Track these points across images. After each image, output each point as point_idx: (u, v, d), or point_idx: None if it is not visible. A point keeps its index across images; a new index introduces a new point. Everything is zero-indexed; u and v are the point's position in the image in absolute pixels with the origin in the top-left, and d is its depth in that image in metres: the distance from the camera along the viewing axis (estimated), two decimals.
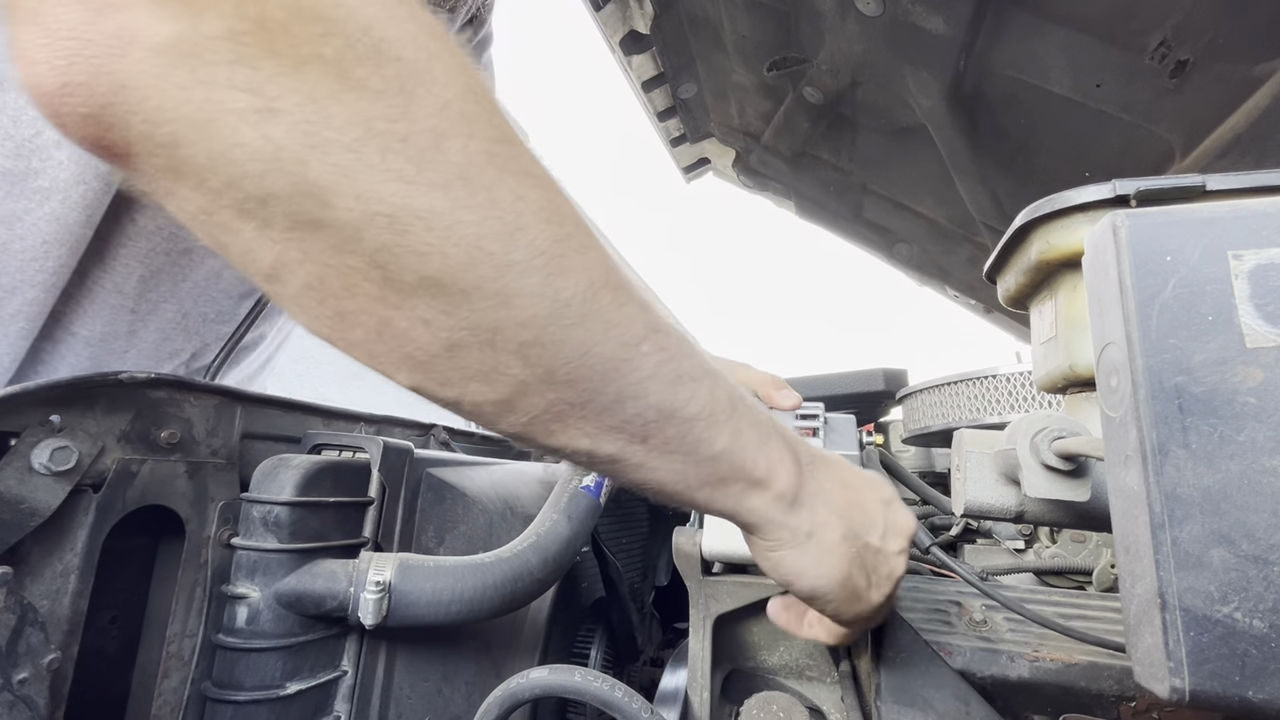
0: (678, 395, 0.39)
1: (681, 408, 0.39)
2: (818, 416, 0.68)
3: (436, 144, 0.30)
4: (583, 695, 0.48)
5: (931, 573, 0.75)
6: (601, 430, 0.37)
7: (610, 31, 1.53)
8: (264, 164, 0.27)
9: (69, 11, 0.25)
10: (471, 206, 0.30)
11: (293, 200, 0.28)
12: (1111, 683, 0.51)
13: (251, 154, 0.27)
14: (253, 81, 0.26)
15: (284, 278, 0.30)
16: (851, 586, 0.48)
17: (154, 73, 0.26)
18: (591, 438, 0.38)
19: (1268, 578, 0.28)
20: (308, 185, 0.28)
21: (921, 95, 1.25)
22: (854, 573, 0.47)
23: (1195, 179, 0.47)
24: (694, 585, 0.63)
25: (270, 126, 0.27)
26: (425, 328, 0.31)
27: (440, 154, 0.30)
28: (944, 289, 1.87)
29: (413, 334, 0.32)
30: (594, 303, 0.34)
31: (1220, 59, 0.91)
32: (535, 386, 0.34)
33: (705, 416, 0.40)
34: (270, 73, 0.27)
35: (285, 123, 0.27)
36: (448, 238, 0.30)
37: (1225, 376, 0.30)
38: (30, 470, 0.40)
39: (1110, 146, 1.14)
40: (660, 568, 1.02)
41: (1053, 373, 0.59)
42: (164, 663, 0.49)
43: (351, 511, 0.57)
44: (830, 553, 0.46)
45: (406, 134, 0.29)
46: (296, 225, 0.29)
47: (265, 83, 0.27)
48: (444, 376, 0.34)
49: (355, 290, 0.30)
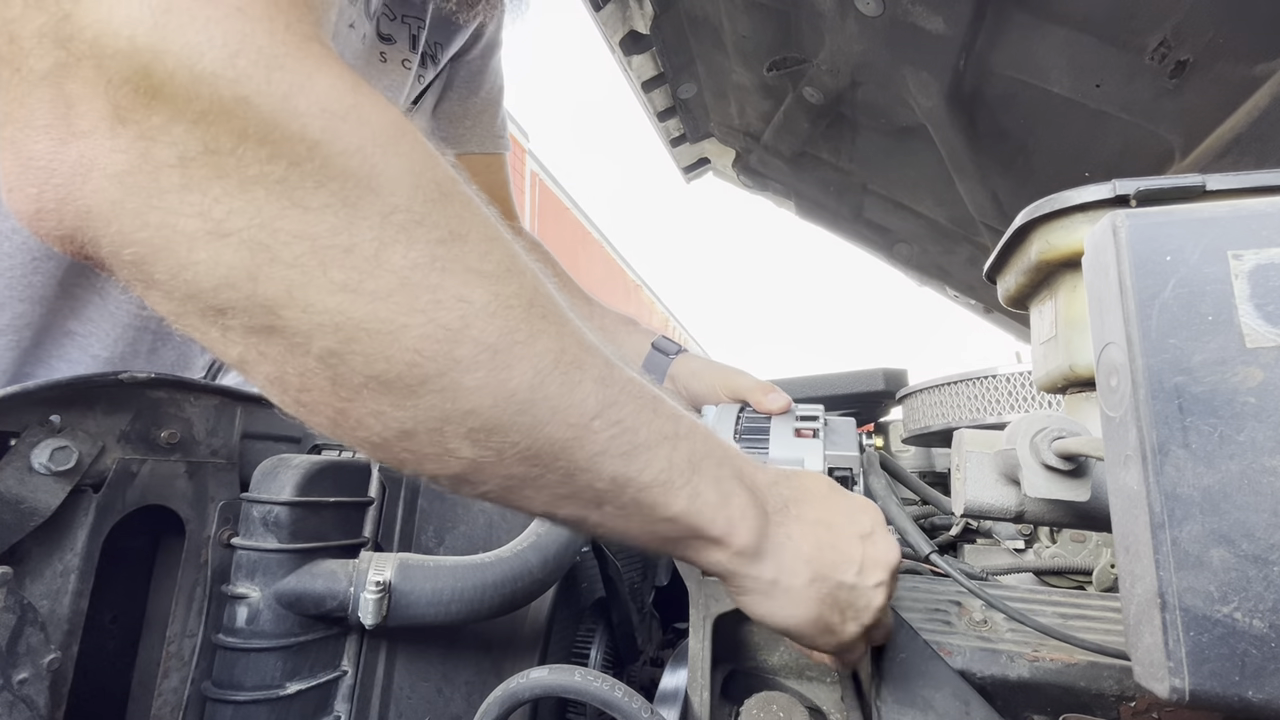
0: (630, 466, 0.39)
1: (635, 477, 0.40)
2: (817, 418, 0.68)
3: (378, 254, 0.30)
4: (583, 695, 0.48)
5: (932, 573, 0.75)
6: (555, 499, 0.39)
7: (610, 31, 1.53)
8: (217, 280, 0.29)
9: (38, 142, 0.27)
10: (414, 311, 0.31)
11: (247, 311, 0.30)
12: (1111, 683, 0.51)
13: (205, 272, 0.29)
14: (202, 205, 0.28)
15: (249, 371, 0.32)
16: (823, 624, 0.48)
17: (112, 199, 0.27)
18: (547, 505, 0.39)
19: (1268, 578, 0.28)
20: (258, 298, 0.29)
21: (921, 95, 1.25)
22: (824, 611, 0.48)
23: (1195, 179, 0.47)
24: (694, 585, 0.63)
25: (220, 247, 0.28)
26: (377, 419, 0.33)
27: (381, 264, 0.31)
28: (944, 289, 1.87)
29: (366, 423, 0.33)
30: (541, 390, 0.35)
31: (1220, 59, 0.91)
32: (488, 466, 0.36)
33: (661, 483, 0.41)
34: (218, 195, 0.28)
35: (234, 242, 0.28)
36: (392, 343, 0.31)
37: (1225, 376, 0.30)
38: (30, 470, 0.40)
39: (1110, 146, 1.14)
40: (660, 568, 1.02)
41: (1053, 373, 0.59)
42: (164, 663, 0.49)
43: (351, 511, 0.57)
44: (797, 595, 0.47)
45: (349, 245, 0.30)
46: (253, 331, 0.30)
47: (213, 205, 0.28)
48: (399, 459, 0.35)
49: (310, 386, 0.32)
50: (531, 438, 0.35)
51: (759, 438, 0.67)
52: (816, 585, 0.48)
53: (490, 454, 0.35)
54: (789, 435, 0.66)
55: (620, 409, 0.39)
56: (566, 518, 0.40)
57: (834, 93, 1.43)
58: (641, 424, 0.40)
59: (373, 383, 0.32)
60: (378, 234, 0.30)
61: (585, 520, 0.41)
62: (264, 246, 0.29)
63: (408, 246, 0.31)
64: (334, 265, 0.30)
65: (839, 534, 0.50)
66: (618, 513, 0.41)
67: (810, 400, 0.74)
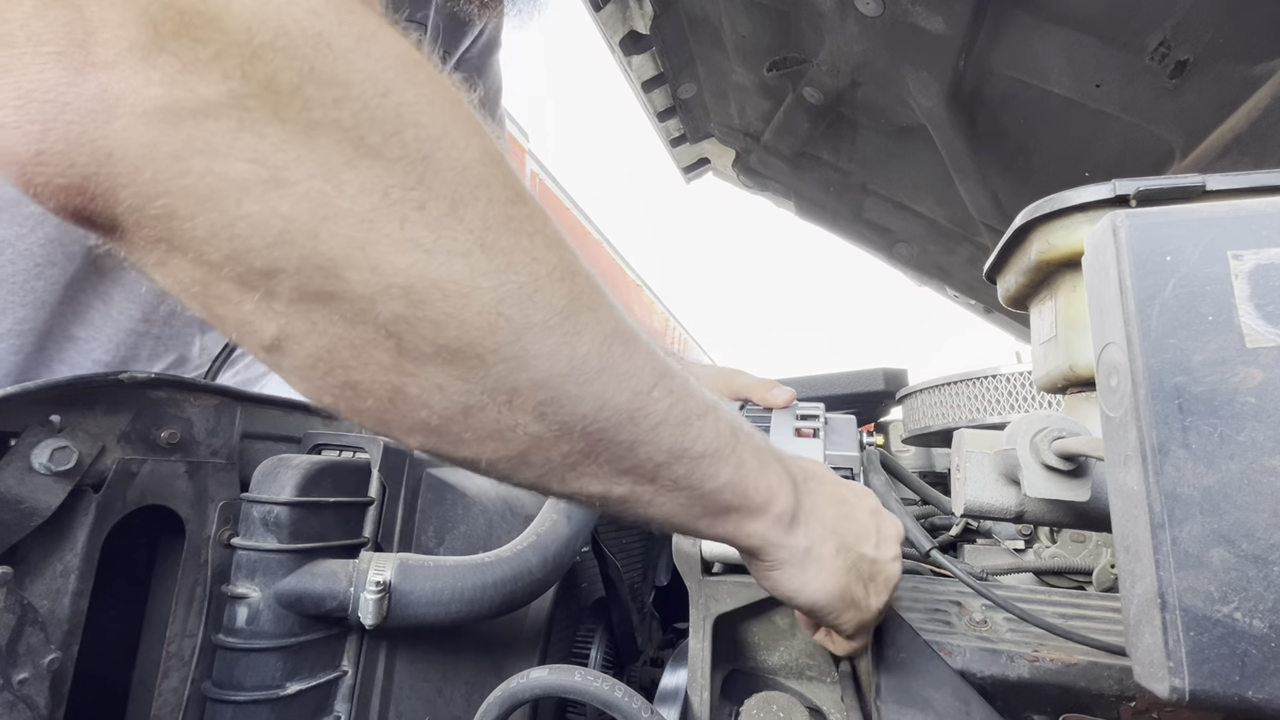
0: (686, 435, 0.39)
1: (690, 446, 0.39)
2: (818, 417, 0.68)
3: (454, 210, 0.29)
4: (583, 695, 0.48)
5: (931, 573, 0.75)
6: (613, 475, 0.38)
7: (610, 32, 1.53)
8: (270, 237, 0.26)
9: (45, 70, 0.22)
10: (489, 272, 0.29)
11: (301, 274, 0.26)
12: (1111, 683, 0.51)
13: (256, 227, 0.25)
14: (258, 150, 0.25)
15: (288, 349, 0.29)
16: (850, 596, 0.49)
17: (145, 141, 0.23)
18: (603, 482, 0.38)
19: (1268, 578, 0.28)
20: (318, 258, 0.26)
21: (921, 95, 1.25)
22: (850, 583, 0.49)
23: (1195, 179, 0.47)
24: (694, 585, 0.63)
25: (277, 198, 0.25)
26: (440, 394, 0.31)
27: (458, 220, 0.29)
28: (944, 289, 1.87)
29: (427, 400, 0.31)
30: (608, 356, 0.34)
31: (1220, 59, 0.91)
32: (551, 441, 0.34)
33: (711, 453, 0.41)
34: (277, 140, 0.25)
35: (294, 194, 0.25)
36: (466, 305, 0.29)
37: (1225, 376, 0.30)
38: (30, 470, 0.40)
39: (1110, 146, 1.14)
40: (660, 568, 1.02)
41: (1053, 373, 0.59)
42: (164, 663, 0.49)
43: (351, 511, 0.57)
44: (826, 566, 0.48)
45: (423, 201, 0.28)
46: (304, 298, 0.27)
47: (271, 151, 0.25)
48: (458, 439, 0.33)
49: (366, 360, 0.29)
50: (599, 408, 0.34)
51: None
52: (842, 556, 0.48)
53: (555, 429, 0.34)
54: (789, 433, 0.66)
55: (672, 379, 0.38)
56: (619, 497, 0.39)
57: (834, 93, 1.43)
58: (690, 394, 0.40)
59: (443, 352, 0.30)
60: (453, 190, 0.29)
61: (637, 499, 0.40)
62: (327, 199, 0.26)
63: (486, 204, 0.30)
64: (409, 221, 0.27)
65: (854, 507, 0.51)
66: (670, 486, 0.40)
67: (810, 399, 0.74)
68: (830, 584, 0.48)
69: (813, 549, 0.47)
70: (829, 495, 0.50)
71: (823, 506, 0.49)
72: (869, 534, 0.50)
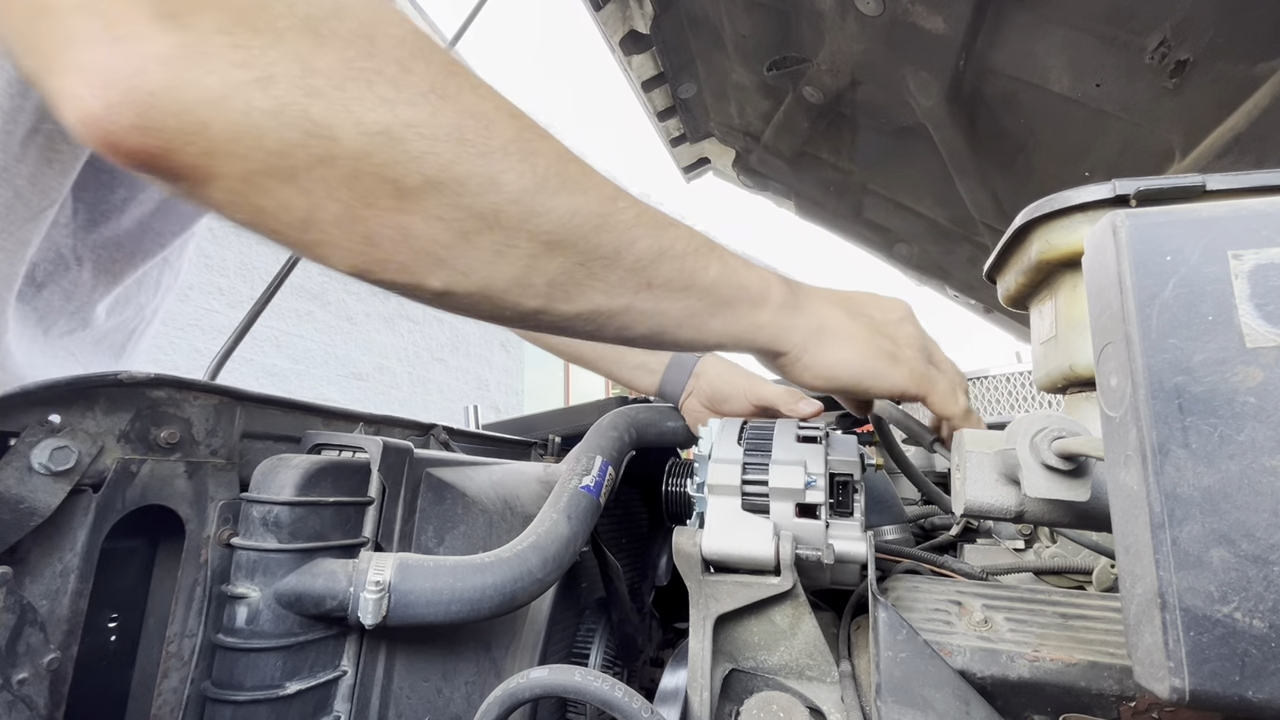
0: (664, 237, 0.45)
1: (669, 247, 0.46)
2: (820, 428, 0.68)
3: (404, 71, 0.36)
4: (583, 695, 0.48)
5: (932, 572, 0.75)
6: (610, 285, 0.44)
7: (610, 31, 1.53)
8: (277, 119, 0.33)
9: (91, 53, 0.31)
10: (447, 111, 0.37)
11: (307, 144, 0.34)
12: (1111, 683, 0.51)
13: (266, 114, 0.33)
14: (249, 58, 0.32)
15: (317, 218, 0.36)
16: (883, 351, 0.54)
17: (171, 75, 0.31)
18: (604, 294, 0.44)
19: (1268, 578, 0.28)
20: (315, 126, 0.34)
21: (921, 95, 1.25)
22: (877, 340, 0.55)
23: (1195, 179, 0.47)
24: (694, 585, 0.63)
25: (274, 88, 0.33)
26: (440, 223, 0.38)
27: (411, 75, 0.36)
28: (944, 289, 1.87)
29: (431, 232, 0.38)
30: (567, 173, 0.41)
31: (1220, 59, 0.91)
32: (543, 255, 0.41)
33: (692, 252, 0.47)
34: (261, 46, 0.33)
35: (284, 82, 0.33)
36: (435, 137, 0.36)
37: (1225, 376, 0.30)
38: (30, 470, 0.40)
39: (1110, 146, 1.14)
40: (660, 568, 1.02)
41: (1053, 373, 0.59)
42: (164, 663, 0.49)
43: (351, 511, 0.57)
44: (847, 333, 0.54)
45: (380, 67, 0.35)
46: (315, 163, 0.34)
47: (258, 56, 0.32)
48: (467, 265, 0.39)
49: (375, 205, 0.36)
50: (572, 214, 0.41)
51: (763, 442, 0.67)
52: (857, 321, 0.54)
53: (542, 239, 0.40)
54: (791, 441, 0.67)
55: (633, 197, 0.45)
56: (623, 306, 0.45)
57: (834, 92, 1.43)
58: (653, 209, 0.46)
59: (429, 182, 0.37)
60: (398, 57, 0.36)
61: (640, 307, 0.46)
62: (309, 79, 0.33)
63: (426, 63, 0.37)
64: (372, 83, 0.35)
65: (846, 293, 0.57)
66: (664, 288, 0.46)
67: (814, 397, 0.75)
68: (857, 347, 0.53)
69: (826, 324, 0.53)
70: (819, 289, 0.56)
71: (818, 293, 0.55)
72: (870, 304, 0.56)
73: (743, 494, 0.64)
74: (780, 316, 0.51)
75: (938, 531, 1.04)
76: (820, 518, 0.62)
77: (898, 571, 0.74)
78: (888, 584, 0.66)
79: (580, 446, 0.74)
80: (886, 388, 0.54)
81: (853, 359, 0.52)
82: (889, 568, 0.75)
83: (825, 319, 0.53)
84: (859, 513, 0.64)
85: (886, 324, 0.56)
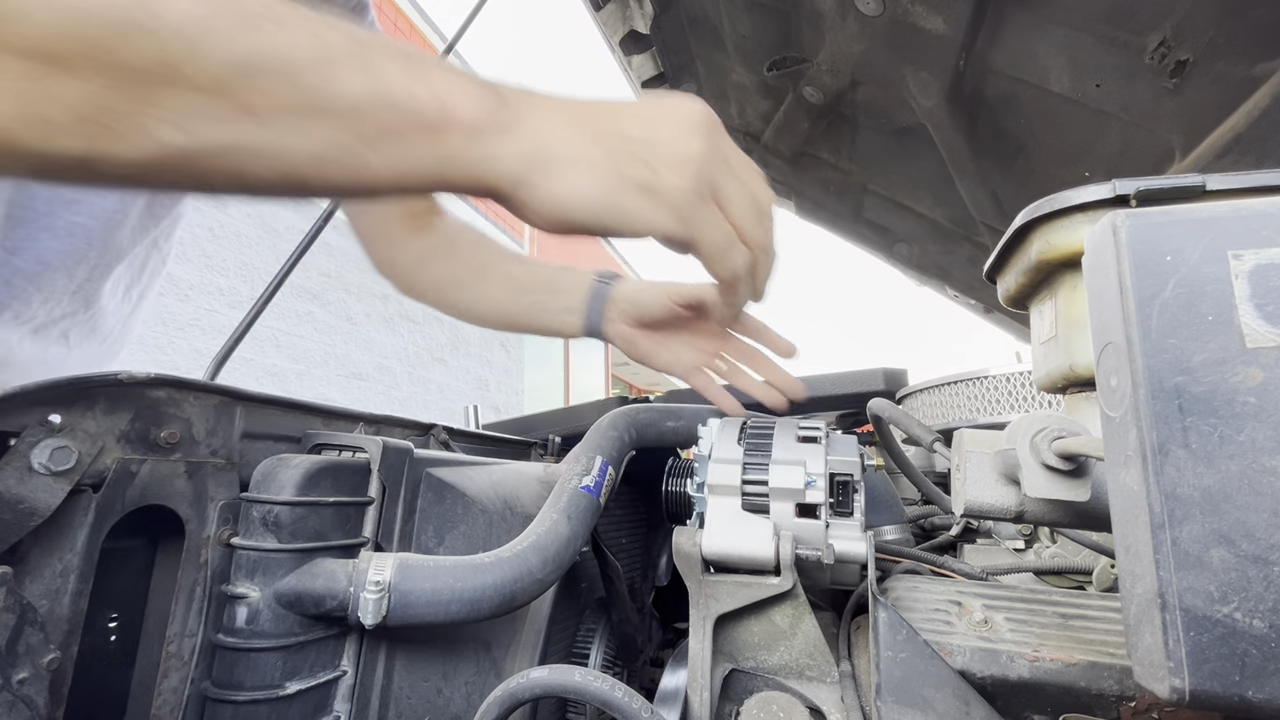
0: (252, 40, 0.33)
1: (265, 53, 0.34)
2: (820, 429, 0.68)
3: None
4: (583, 695, 0.48)
5: (932, 572, 0.75)
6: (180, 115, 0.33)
7: (610, 31, 1.53)
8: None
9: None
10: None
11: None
12: (1111, 683, 0.51)
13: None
14: None
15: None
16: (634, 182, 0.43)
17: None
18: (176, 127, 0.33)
19: (1268, 578, 0.28)
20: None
21: (921, 95, 1.25)
22: (626, 165, 0.43)
23: (1195, 179, 0.47)
24: (694, 585, 0.63)
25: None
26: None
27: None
28: (944, 289, 1.87)
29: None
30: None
31: (1220, 59, 0.91)
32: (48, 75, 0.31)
33: (312, 61, 0.35)
34: None
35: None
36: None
37: (1225, 376, 0.30)
38: (30, 470, 0.40)
39: (1110, 146, 1.14)
40: (660, 568, 1.02)
41: (1053, 373, 0.59)
42: (164, 663, 0.49)
43: (351, 511, 0.57)
44: (580, 157, 0.42)
45: None
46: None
47: None
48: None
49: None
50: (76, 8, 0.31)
51: (763, 442, 0.67)
52: (597, 143, 0.42)
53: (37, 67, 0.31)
54: (791, 441, 0.67)
55: None
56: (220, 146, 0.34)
57: (834, 93, 1.43)
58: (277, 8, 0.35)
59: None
60: None
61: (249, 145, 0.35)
62: None
63: None
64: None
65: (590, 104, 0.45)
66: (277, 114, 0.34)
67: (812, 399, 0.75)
68: (597, 177, 0.42)
69: (549, 148, 0.41)
70: (550, 99, 0.44)
71: (546, 106, 0.43)
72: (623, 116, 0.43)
73: (743, 494, 0.64)
74: (477, 144, 0.39)
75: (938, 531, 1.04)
76: (820, 518, 0.62)
77: (898, 571, 0.74)
78: (888, 584, 0.66)
79: (580, 446, 0.74)
80: (636, 228, 0.43)
81: (587, 192, 0.41)
82: (889, 568, 0.75)
83: (549, 141, 0.41)
84: (859, 513, 0.64)
85: (647, 144, 0.43)
